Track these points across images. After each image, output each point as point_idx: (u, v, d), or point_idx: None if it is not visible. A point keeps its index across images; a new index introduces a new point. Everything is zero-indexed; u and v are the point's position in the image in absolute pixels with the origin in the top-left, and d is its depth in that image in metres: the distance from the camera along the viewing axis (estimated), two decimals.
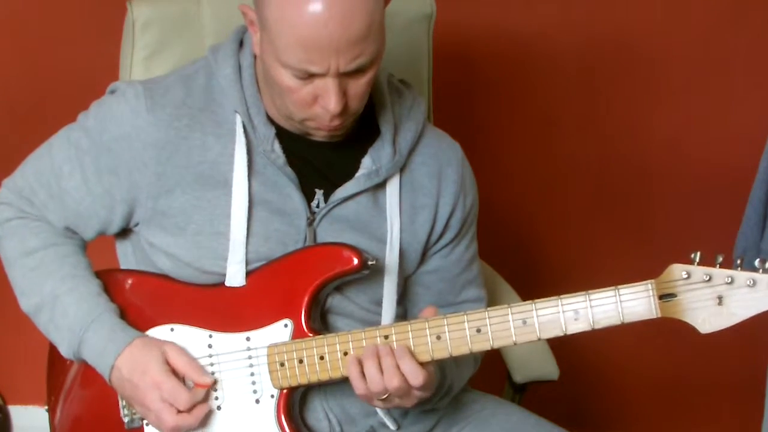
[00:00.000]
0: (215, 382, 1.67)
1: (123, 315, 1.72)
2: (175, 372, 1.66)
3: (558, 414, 1.87)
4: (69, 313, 1.69)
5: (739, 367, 2.74)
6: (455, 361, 1.75)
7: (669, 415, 2.91)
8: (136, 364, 1.65)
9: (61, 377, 1.79)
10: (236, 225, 1.68)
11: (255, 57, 1.71)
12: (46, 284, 1.72)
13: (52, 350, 1.79)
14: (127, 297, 1.74)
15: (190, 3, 2.04)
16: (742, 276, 1.51)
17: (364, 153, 1.73)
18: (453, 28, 2.34)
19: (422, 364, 1.59)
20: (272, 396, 1.67)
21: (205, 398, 1.66)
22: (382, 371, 1.58)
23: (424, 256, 1.78)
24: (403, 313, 1.80)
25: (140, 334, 1.68)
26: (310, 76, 1.58)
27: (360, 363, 1.59)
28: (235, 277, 1.68)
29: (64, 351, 1.71)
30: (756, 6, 2.62)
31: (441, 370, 1.70)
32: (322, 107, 1.60)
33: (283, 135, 1.71)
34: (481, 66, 2.66)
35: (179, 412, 1.64)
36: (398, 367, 1.58)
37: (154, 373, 1.64)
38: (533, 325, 1.57)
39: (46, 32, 2.62)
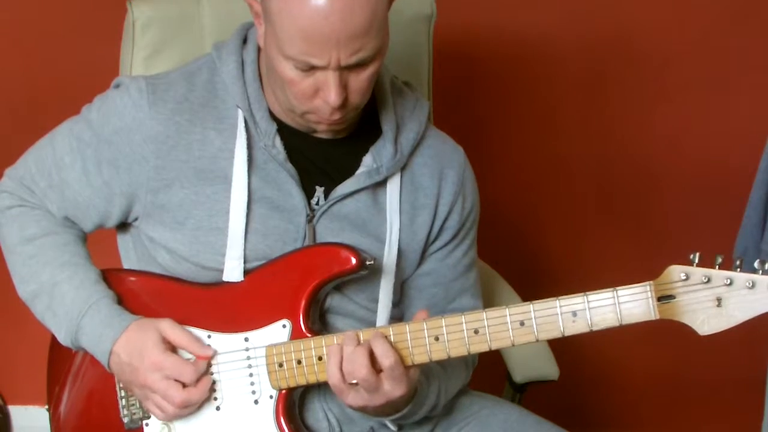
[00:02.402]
0: (215, 354, 1.67)
1: None
2: (173, 348, 1.66)
3: (558, 414, 1.87)
4: (67, 299, 1.70)
5: (739, 368, 2.74)
6: (445, 372, 1.75)
7: (669, 414, 2.91)
8: (134, 347, 1.65)
9: (61, 377, 1.79)
10: (235, 220, 1.68)
11: (258, 53, 1.72)
12: (44, 271, 1.72)
13: (52, 350, 1.80)
14: (126, 296, 1.73)
15: (190, 3, 2.04)
16: (741, 277, 1.50)
17: (365, 151, 1.73)
18: (453, 28, 2.34)
19: (407, 368, 1.59)
20: (271, 397, 1.67)
21: (208, 370, 1.66)
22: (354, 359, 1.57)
23: (422, 257, 1.78)
24: (401, 316, 1.79)
25: (136, 317, 1.68)
26: (311, 69, 1.58)
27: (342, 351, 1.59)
28: (233, 272, 1.68)
29: (62, 338, 1.71)
30: (756, 6, 2.62)
31: (427, 382, 1.70)
32: (322, 100, 1.60)
33: (284, 131, 1.71)
34: (481, 66, 2.66)
35: (184, 387, 1.64)
36: (370, 356, 1.57)
37: (153, 354, 1.64)
38: (531, 326, 1.56)
39: (46, 32, 2.62)
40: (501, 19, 2.62)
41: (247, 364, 1.67)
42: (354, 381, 1.58)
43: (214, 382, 1.68)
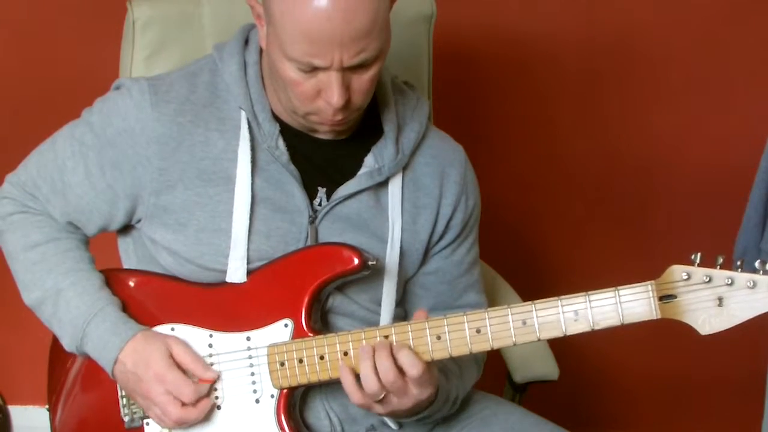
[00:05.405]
0: (218, 377, 1.67)
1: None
2: (179, 366, 1.66)
3: (558, 414, 1.87)
4: (71, 306, 1.70)
5: (739, 368, 2.74)
6: (459, 368, 1.75)
7: (669, 414, 2.91)
8: (140, 357, 1.65)
9: (61, 377, 1.79)
10: (238, 222, 1.68)
11: (260, 54, 1.72)
12: (48, 278, 1.72)
13: (53, 350, 1.80)
14: (128, 296, 1.74)
15: (190, 3, 2.04)
16: (742, 277, 1.50)
17: (367, 151, 1.73)
18: (453, 28, 2.34)
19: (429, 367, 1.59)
20: (272, 396, 1.67)
21: (209, 393, 1.67)
22: (377, 369, 1.57)
23: (425, 257, 1.79)
24: (404, 315, 1.80)
25: (143, 327, 1.69)
26: (313, 70, 1.58)
27: (353, 371, 1.60)
28: (236, 272, 1.68)
29: (67, 345, 1.72)
30: (756, 6, 2.62)
31: (446, 378, 1.70)
32: (325, 101, 1.61)
33: (287, 132, 1.71)
34: (481, 66, 2.66)
35: (183, 405, 1.64)
36: (395, 361, 1.57)
37: (158, 366, 1.64)
38: (533, 325, 1.57)
39: (46, 32, 2.62)
40: (501, 19, 2.62)
41: (249, 363, 1.67)
42: (383, 395, 1.58)
43: (218, 377, 1.68)
